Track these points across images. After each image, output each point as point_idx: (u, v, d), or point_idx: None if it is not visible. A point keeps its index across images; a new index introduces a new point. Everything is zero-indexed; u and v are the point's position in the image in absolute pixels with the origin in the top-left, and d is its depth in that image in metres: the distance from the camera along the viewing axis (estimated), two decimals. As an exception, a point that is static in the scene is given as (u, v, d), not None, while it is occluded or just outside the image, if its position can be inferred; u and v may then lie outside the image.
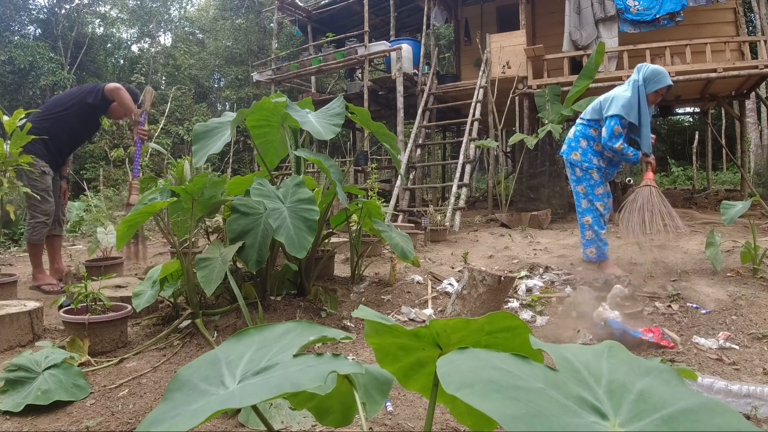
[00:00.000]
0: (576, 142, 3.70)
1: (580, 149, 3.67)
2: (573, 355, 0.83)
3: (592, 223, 3.65)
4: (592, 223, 3.65)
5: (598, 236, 3.63)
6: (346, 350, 2.34)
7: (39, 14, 19.43)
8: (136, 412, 1.77)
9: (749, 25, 12.77)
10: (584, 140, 3.66)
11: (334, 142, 16.85)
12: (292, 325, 1.00)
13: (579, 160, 3.65)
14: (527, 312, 2.88)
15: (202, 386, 0.84)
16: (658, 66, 3.48)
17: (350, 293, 3.23)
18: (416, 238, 4.97)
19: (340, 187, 2.83)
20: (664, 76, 3.39)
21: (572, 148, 3.72)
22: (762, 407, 1.60)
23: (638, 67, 3.53)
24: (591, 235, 3.66)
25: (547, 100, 7.40)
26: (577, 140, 3.70)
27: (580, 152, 3.66)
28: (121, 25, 22.82)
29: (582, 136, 3.68)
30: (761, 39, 7.48)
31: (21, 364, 1.89)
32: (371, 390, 1.08)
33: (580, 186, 3.69)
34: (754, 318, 2.62)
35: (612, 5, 7.81)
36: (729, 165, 16.08)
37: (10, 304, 2.66)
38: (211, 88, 22.09)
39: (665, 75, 3.40)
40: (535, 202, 7.23)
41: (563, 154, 3.81)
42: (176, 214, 2.96)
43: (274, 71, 10.44)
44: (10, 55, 16.11)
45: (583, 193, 3.68)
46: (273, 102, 2.86)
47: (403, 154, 7.77)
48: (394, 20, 9.74)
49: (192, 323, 2.55)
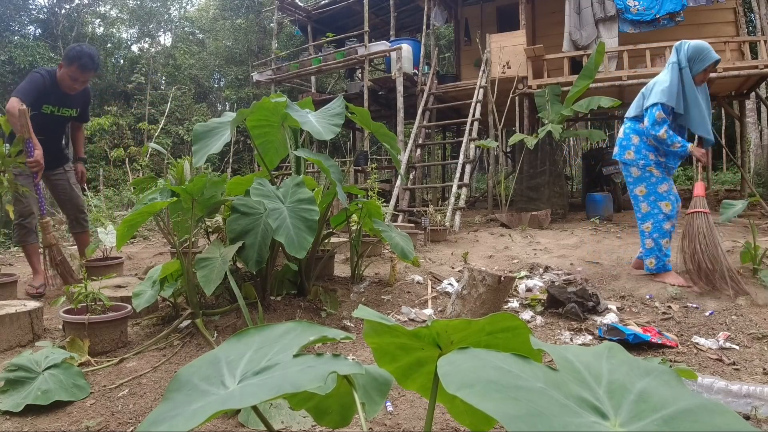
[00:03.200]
0: (627, 140, 3.40)
1: (633, 146, 3.35)
2: (573, 355, 0.83)
3: (652, 230, 3.30)
4: (652, 230, 3.30)
5: (658, 245, 3.29)
6: (345, 350, 2.34)
7: (39, 14, 19.42)
8: (136, 412, 1.77)
9: (749, 25, 12.76)
10: (635, 136, 3.35)
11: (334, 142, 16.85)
12: (292, 325, 1.00)
13: (633, 158, 3.34)
14: (527, 312, 2.88)
15: (202, 386, 0.84)
16: (699, 41, 3.18)
17: (350, 293, 3.23)
18: (416, 238, 4.97)
19: (340, 187, 2.83)
20: (708, 52, 3.10)
21: (624, 148, 3.41)
22: (762, 407, 1.60)
23: (676, 47, 3.23)
24: (650, 244, 3.32)
25: (547, 100, 7.40)
26: (627, 138, 3.39)
27: (633, 150, 3.35)
28: (121, 25, 22.80)
29: (632, 133, 3.37)
30: (761, 39, 7.48)
31: (21, 364, 1.89)
32: (371, 390, 1.08)
33: (639, 187, 3.36)
34: (754, 318, 2.62)
35: (612, 5, 7.81)
36: (729, 165, 16.08)
37: (10, 304, 2.66)
38: (211, 88, 22.08)
39: (709, 50, 3.11)
40: (535, 202, 7.23)
41: (616, 157, 3.49)
42: (176, 214, 2.96)
43: (274, 71, 10.44)
44: (10, 55, 16.11)
45: (642, 195, 3.35)
46: (273, 102, 2.86)
47: (403, 154, 7.77)
48: (394, 20, 9.74)
49: (192, 323, 2.55)
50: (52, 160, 3.71)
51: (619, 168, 8.08)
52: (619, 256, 4.31)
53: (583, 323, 2.65)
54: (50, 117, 3.62)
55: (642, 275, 3.54)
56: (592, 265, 4.04)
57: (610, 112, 11.52)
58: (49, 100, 3.56)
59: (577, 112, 6.99)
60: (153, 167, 13.98)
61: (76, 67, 3.48)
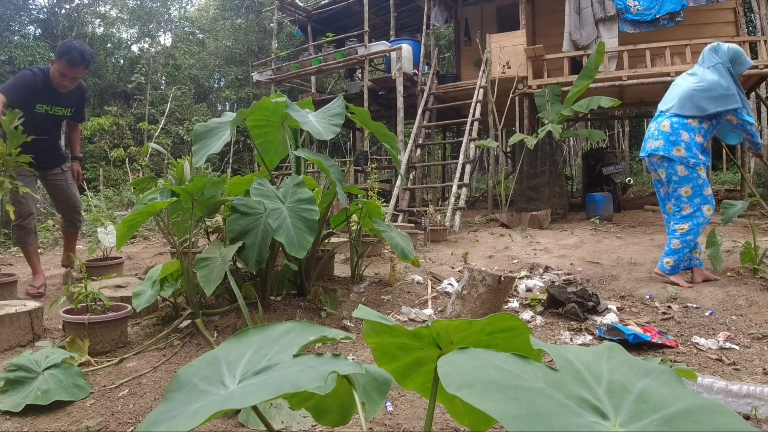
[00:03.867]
0: (676, 136, 3.15)
1: (683, 143, 3.13)
2: (573, 355, 0.83)
3: (688, 232, 3.17)
4: (686, 232, 3.17)
5: (686, 248, 3.19)
6: (345, 350, 2.34)
7: (39, 14, 19.42)
8: (136, 412, 1.77)
9: (749, 25, 12.76)
10: (685, 132, 3.15)
11: (334, 142, 16.85)
12: (292, 325, 1.00)
13: (684, 156, 3.12)
14: (527, 312, 2.88)
15: (202, 386, 0.84)
16: (733, 45, 3.20)
17: (350, 293, 3.23)
18: (416, 238, 4.97)
19: (340, 187, 2.83)
20: (746, 57, 3.13)
21: (672, 143, 3.15)
22: (762, 407, 1.60)
23: (713, 48, 3.19)
24: (677, 245, 3.20)
25: (547, 100, 7.40)
26: (677, 133, 3.15)
27: (683, 146, 3.13)
28: (121, 25, 22.80)
29: (682, 128, 3.16)
30: (761, 39, 7.48)
31: (21, 364, 1.89)
32: (370, 390, 1.08)
33: (684, 188, 3.18)
34: (754, 318, 2.62)
35: (612, 5, 7.81)
36: (729, 165, 16.07)
37: (10, 304, 2.66)
38: (211, 88, 22.08)
39: (745, 54, 3.15)
40: (535, 202, 7.23)
41: (657, 151, 3.22)
42: (176, 214, 2.96)
43: (274, 71, 10.44)
44: (10, 55, 16.11)
45: (687, 196, 3.18)
46: (273, 102, 2.86)
47: (403, 154, 7.77)
48: (394, 20, 9.74)
49: (192, 323, 2.55)
50: (50, 160, 3.70)
51: (619, 168, 8.18)
52: (619, 256, 4.31)
53: (583, 323, 2.65)
54: (44, 116, 3.58)
55: (642, 276, 3.54)
56: (592, 265, 4.04)
57: (610, 112, 11.53)
58: (42, 99, 3.52)
59: (577, 112, 6.99)
60: (153, 167, 13.98)
61: (65, 61, 3.42)
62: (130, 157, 13.34)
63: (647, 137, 3.34)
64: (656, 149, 3.23)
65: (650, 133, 3.32)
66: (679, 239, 3.20)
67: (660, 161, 3.23)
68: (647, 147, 3.31)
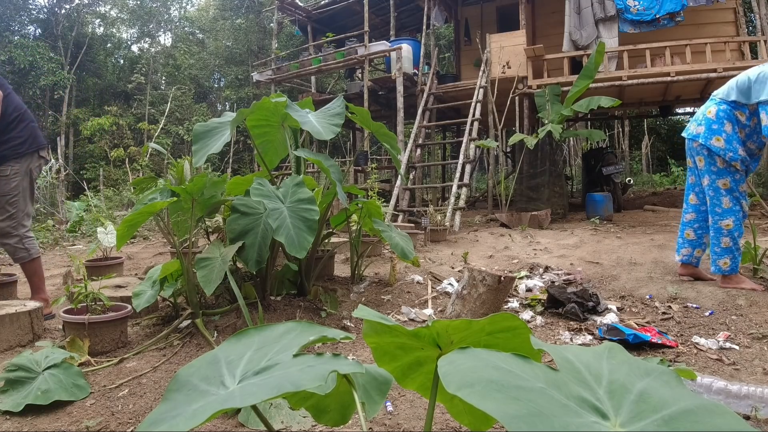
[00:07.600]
0: (719, 125, 2.98)
1: (725, 134, 2.96)
2: (573, 355, 0.83)
3: (733, 228, 2.99)
4: (733, 228, 2.99)
5: (736, 244, 3.03)
6: (345, 350, 2.34)
7: (39, 14, 19.44)
8: (136, 412, 1.77)
9: (749, 25, 12.75)
10: (729, 123, 2.97)
11: (334, 142, 16.85)
12: (292, 325, 1.00)
13: (723, 147, 2.95)
14: (527, 312, 2.88)
15: (202, 386, 0.84)
16: None
17: (350, 293, 3.23)
18: (416, 238, 4.97)
19: (340, 187, 2.83)
20: None
21: (713, 132, 2.98)
22: (762, 408, 1.60)
23: None
24: (728, 243, 3.02)
25: (547, 100, 7.40)
26: (720, 122, 2.98)
27: (724, 138, 2.95)
28: (121, 25, 22.83)
29: (727, 118, 2.97)
30: (761, 39, 7.48)
31: (21, 364, 1.89)
32: (370, 390, 1.08)
33: (723, 180, 3.00)
34: (754, 318, 2.62)
35: (612, 5, 7.81)
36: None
37: (10, 304, 2.66)
38: (211, 88, 22.09)
39: None
40: (535, 202, 7.24)
41: (697, 137, 3.05)
42: (176, 214, 2.96)
43: (274, 71, 10.45)
44: (10, 55, 16.12)
45: (725, 189, 3.00)
46: (273, 102, 2.86)
47: (403, 154, 7.77)
48: (394, 20, 9.75)
49: (192, 323, 2.55)
50: None
51: (619, 168, 8.19)
52: (619, 256, 4.31)
53: (583, 323, 2.65)
54: None
55: (642, 276, 3.54)
56: (592, 265, 4.04)
57: (610, 112, 11.52)
58: None
59: (577, 112, 6.99)
60: (153, 167, 13.99)
61: None
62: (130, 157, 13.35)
63: (692, 119, 3.21)
64: (696, 135, 3.07)
65: (695, 117, 3.18)
66: (728, 236, 3.01)
67: (699, 148, 3.07)
68: (690, 130, 3.16)
